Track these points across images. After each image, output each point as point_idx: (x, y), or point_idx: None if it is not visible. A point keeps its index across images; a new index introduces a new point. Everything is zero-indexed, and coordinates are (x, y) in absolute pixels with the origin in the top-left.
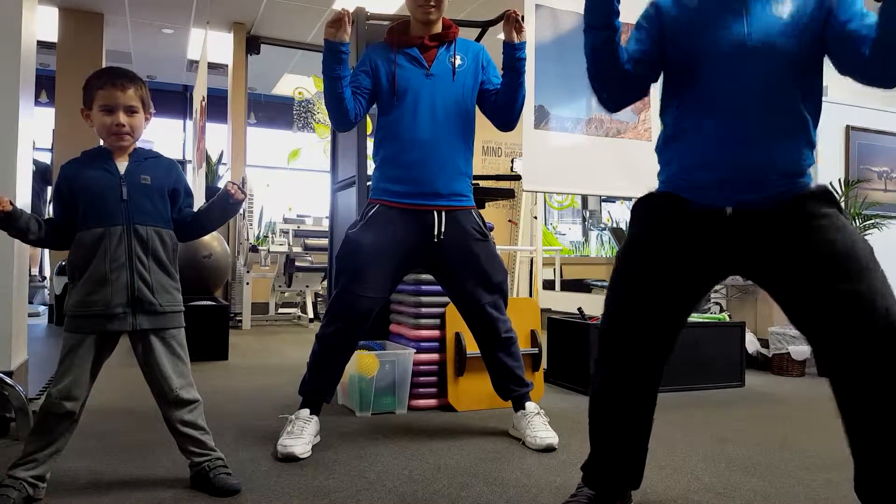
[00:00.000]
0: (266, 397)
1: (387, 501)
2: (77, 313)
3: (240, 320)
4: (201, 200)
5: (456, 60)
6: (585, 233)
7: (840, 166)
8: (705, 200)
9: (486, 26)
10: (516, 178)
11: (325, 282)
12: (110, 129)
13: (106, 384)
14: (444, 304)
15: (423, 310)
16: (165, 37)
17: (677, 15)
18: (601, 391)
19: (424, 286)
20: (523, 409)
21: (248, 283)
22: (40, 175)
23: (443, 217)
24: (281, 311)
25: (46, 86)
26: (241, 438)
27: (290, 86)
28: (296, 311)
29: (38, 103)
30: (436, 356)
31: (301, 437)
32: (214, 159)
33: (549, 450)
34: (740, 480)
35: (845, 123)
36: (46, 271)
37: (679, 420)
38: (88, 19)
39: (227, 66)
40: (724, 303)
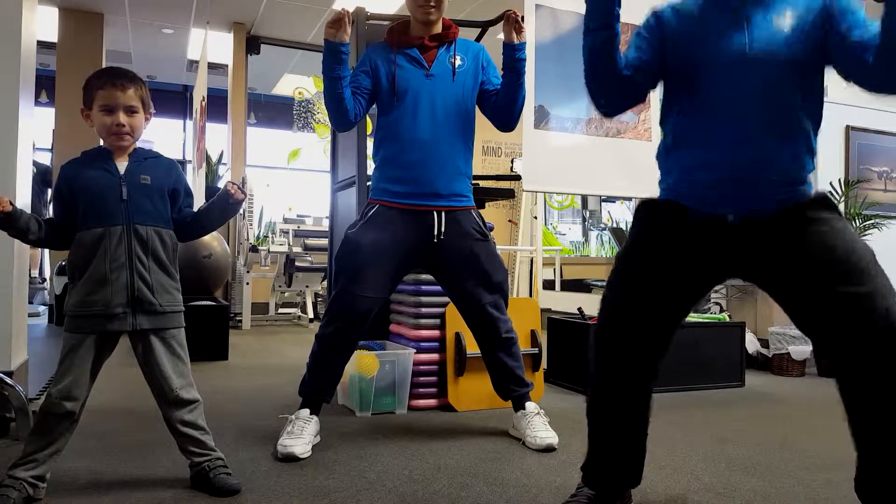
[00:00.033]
0: (266, 397)
1: (387, 501)
2: (77, 313)
3: (240, 320)
4: (201, 200)
5: (456, 61)
6: (585, 233)
7: (840, 166)
8: (706, 207)
9: (486, 26)
10: (516, 178)
11: (324, 282)
12: (110, 129)
13: (106, 384)
14: (444, 304)
15: (423, 310)
16: (165, 37)
17: (678, 24)
18: (598, 390)
19: (424, 286)
20: (523, 409)
21: (248, 283)
22: (40, 177)
23: (443, 217)
24: (281, 311)
25: (46, 86)
26: (241, 438)
27: (290, 86)
28: (296, 311)
29: (38, 103)
30: (436, 356)
31: (301, 437)
32: (214, 159)
33: (549, 450)
34: (740, 480)
35: (845, 123)
36: (46, 272)
37: (679, 420)
38: (88, 19)
39: (227, 66)
40: (724, 303)
